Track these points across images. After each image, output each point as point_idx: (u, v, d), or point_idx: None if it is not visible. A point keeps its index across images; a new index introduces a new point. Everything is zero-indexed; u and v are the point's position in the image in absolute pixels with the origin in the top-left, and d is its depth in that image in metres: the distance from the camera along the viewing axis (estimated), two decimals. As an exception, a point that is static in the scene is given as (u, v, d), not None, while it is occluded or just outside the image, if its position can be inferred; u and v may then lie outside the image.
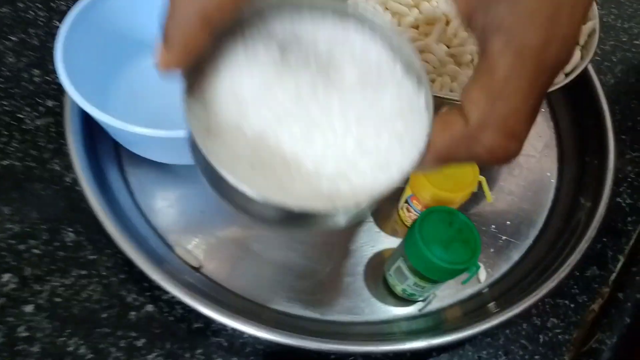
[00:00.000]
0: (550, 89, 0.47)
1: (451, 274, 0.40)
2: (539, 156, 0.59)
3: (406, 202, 0.49)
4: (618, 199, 0.58)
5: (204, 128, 0.26)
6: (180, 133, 0.42)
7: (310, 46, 0.28)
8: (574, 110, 0.61)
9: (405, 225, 0.51)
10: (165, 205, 0.49)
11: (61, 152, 0.51)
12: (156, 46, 0.24)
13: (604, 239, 0.55)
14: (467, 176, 0.46)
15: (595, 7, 0.54)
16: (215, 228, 0.48)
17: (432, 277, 0.42)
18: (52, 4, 0.62)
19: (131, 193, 0.50)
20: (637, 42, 0.74)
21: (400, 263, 0.44)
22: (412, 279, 0.43)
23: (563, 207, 0.55)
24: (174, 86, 0.53)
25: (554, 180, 0.58)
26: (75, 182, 0.48)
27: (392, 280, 0.46)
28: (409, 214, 0.50)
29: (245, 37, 0.28)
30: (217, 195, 0.27)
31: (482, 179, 0.47)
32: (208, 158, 0.24)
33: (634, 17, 0.77)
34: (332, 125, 0.27)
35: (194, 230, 0.48)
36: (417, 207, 0.48)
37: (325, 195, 0.26)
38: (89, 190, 0.45)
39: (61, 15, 0.60)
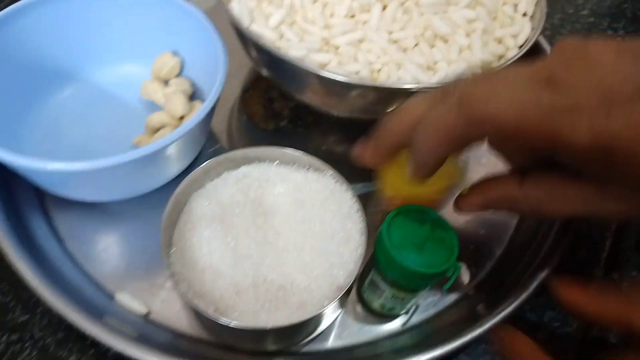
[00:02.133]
0: (503, 63, 0.44)
1: (430, 279, 0.35)
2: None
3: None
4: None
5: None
6: (104, 162, 0.36)
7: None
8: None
9: None
10: (100, 249, 0.44)
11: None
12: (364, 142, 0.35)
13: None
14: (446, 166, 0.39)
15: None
16: (160, 265, 0.42)
17: (410, 285, 0.37)
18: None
19: (60, 241, 0.44)
20: (584, 13, 0.71)
21: (373, 276, 0.39)
22: (389, 291, 0.38)
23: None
24: (94, 118, 0.48)
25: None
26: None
27: (368, 296, 0.41)
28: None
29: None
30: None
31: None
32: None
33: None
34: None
35: (137, 273, 0.43)
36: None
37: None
38: (7, 242, 0.39)
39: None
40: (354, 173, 0.40)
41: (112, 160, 0.36)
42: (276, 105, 0.54)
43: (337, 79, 0.41)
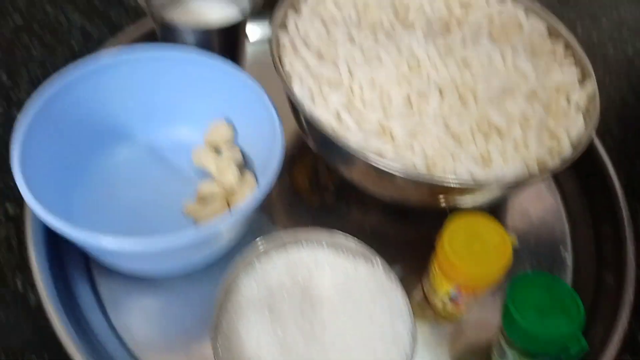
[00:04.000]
0: (561, 168, 0.44)
1: (549, 346, 0.36)
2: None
3: (449, 296, 0.43)
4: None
5: None
6: (157, 243, 0.37)
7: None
8: (579, 178, 0.57)
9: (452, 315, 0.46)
10: (142, 322, 0.43)
11: (24, 266, 0.45)
12: None
13: (631, 321, 0.48)
14: (497, 241, 0.41)
15: (590, 65, 0.50)
16: (202, 345, 0.42)
17: (530, 349, 0.37)
18: (10, 93, 0.57)
19: (103, 310, 0.44)
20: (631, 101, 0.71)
21: (500, 339, 0.40)
22: (510, 355, 0.39)
23: (585, 286, 0.50)
24: (146, 180, 0.48)
25: (568, 254, 0.53)
26: (40, 301, 0.42)
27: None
28: (457, 307, 0.44)
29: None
30: None
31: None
32: None
33: (621, 74, 0.73)
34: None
35: (176, 349, 0.42)
36: (467, 296, 0.43)
37: None
38: (55, 314, 0.39)
39: (21, 106, 0.56)
40: (400, 254, 0.39)
41: (166, 240, 0.37)
42: (322, 179, 0.54)
43: (393, 171, 0.41)
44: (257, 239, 0.41)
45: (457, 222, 0.41)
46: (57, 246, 0.44)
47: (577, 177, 0.57)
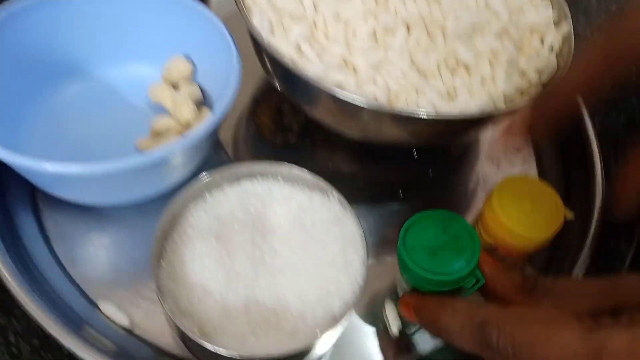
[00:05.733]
0: (527, 101, 0.42)
1: (443, 285, 0.34)
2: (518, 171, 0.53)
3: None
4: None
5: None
6: (101, 167, 0.35)
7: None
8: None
9: None
10: (89, 254, 0.42)
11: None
12: None
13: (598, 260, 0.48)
14: (550, 209, 0.40)
15: (566, 7, 0.49)
16: (149, 277, 0.40)
17: (424, 288, 0.35)
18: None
19: (47, 240, 0.42)
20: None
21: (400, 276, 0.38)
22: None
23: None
24: (98, 116, 0.46)
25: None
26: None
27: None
28: None
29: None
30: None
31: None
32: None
33: (603, 29, 0.72)
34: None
35: (124, 283, 0.41)
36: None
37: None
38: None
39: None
40: (360, 195, 0.38)
41: (110, 165, 0.35)
42: (286, 119, 0.52)
43: (353, 102, 0.39)
44: (208, 171, 0.39)
45: (510, 182, 0.41)
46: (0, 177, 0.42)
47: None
